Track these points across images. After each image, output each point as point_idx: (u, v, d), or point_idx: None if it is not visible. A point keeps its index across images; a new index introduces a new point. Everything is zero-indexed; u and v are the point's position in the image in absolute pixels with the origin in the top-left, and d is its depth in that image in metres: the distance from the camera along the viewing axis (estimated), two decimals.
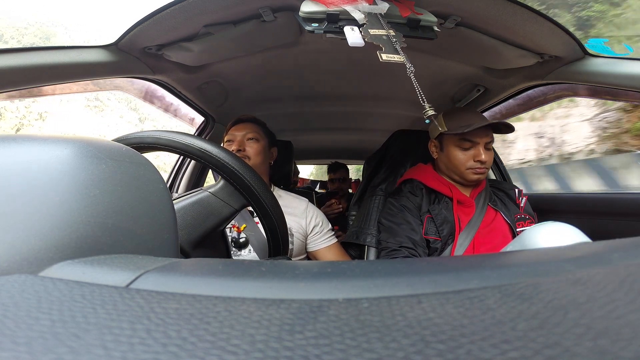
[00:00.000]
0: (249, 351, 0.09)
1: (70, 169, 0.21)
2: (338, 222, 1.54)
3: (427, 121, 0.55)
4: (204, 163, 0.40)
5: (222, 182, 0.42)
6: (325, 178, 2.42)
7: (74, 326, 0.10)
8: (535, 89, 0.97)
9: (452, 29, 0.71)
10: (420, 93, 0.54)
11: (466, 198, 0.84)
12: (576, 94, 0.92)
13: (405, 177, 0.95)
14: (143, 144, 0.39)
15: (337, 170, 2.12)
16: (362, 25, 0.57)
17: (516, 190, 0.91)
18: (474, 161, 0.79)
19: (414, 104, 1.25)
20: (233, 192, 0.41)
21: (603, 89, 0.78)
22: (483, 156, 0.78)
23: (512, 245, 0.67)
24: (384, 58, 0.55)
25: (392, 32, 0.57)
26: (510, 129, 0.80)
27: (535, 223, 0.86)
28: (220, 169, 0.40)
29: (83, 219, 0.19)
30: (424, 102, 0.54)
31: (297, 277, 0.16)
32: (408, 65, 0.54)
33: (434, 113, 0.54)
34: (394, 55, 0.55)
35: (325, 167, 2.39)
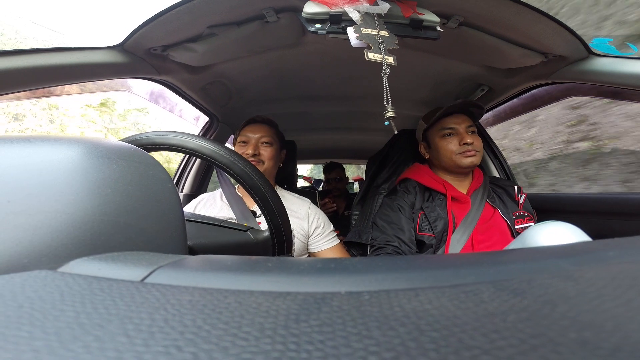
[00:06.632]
0: (259, 337, 0.10)
1: (84, 169, 0.22)
2: (336, 225, 1.58)
3: (386, 123, 0.56)
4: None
5: (267, 233, 0.46)
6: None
7: (97, 317, 0.11)
8: (539, 88, 0.97)
9: (455, 29, 0.71)
10: (387, 94, 0.54)
11: (461, 195, 0.85)
12: (580, 93, 0.92)
13: (401, 177, 0.96)
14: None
15: (332, 170, 2.14)
16: (358, 23, 0.57)
17: (515, 187, 0.92)
18: (460, 145, 0.84)
19: (416, 103, 1.25)
20: (270, 246, 0.46)
21: (608, 88, 0.78)
22: (468, 139, 0.83)
23: (514, 244, 0.67)
24: (369, 57, 0.55)
25: (382, 33, 0.57)
26: (480, 108, 0.86)
27: (535, 220, 0.86)
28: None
29: (97, 217, 0.20)
30: (387, 104, 0.54)
31: (302, 272, 0.17)
32: (385, 66, 0.55)
33: (393, 115, 0.55)
34: (379, 56, 0.56)
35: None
